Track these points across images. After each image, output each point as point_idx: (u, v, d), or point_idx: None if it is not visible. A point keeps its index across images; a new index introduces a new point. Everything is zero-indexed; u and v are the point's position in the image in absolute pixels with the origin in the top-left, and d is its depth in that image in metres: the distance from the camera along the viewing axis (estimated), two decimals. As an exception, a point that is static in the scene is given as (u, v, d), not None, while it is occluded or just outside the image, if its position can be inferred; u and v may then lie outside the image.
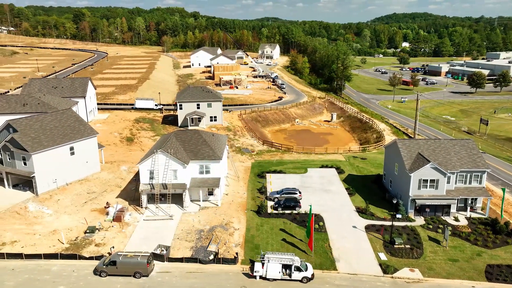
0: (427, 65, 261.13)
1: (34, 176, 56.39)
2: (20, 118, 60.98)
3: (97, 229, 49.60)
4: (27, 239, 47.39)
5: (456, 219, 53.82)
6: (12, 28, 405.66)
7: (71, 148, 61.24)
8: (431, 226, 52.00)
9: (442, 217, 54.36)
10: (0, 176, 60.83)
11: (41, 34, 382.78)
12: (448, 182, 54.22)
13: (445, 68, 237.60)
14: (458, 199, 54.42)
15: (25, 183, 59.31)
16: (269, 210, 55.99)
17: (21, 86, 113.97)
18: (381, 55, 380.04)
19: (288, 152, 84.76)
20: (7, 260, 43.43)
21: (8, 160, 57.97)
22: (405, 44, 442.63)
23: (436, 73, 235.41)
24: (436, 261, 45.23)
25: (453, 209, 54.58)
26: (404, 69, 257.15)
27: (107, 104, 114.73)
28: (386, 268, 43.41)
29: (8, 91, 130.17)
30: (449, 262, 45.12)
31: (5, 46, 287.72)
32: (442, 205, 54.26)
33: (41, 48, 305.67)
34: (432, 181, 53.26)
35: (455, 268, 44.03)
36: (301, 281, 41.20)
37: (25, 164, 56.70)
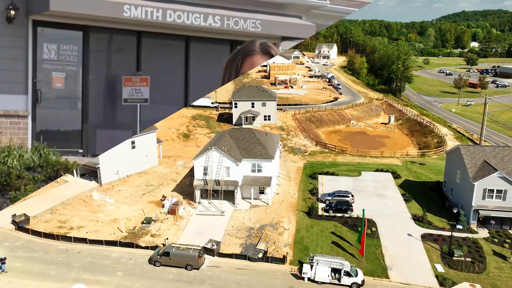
0: (498, 67, 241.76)
1: (98, 167, 60.34)
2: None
3: (153, 220, 52.06)
4: (91, 225, 51.00)
5: (526, 234, 49.48)
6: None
7: (133, 142, 64.68)
8: (496, 240, 48.19)
9: (510, 231, 50.20)
10: (69, 166, 66.07)
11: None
12: (518, 193, 49.97)
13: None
14: (529, 212, 50.00)
15: (91, 173, 63.66)
16: (320, 212, 55.23)
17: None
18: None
19: (342, 154, 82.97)
20: (74, 243, 47.08)
21: (77, 151, 62.63)
22: (474, 44, 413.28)
23: (509, 75, 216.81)
24: (502, 279, 41.81)
25: (522, 223, 50.28)
26: (471, 71, 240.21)
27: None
28: (443, 281, 40.97)
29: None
30: (516, 280, 41.65)
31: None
32: (510, 218, 50.13)
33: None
34: (499, 191, 49.36)
35: (522, 288, 40.54)
36: (350, 286, 40.21)
37: (91, 155, 60.88)
